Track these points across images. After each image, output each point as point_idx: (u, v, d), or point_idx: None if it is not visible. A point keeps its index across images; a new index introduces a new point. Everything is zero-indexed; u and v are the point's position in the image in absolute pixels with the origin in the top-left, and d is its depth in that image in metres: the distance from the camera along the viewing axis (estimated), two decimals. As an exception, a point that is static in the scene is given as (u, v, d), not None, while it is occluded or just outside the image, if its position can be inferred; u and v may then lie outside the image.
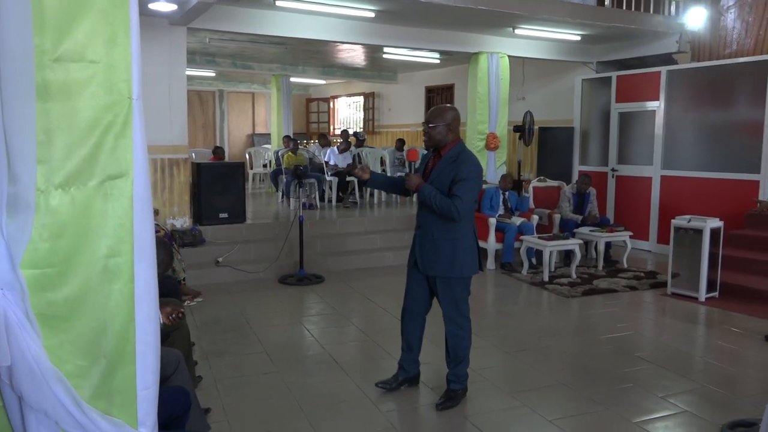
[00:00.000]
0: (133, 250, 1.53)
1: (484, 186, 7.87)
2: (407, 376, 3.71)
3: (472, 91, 8.59)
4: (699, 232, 5.73)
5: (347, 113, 16.31)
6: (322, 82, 14.93)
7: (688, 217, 5.90)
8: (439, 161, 3.35)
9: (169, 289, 3.58)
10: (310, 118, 16.87)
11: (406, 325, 3.65)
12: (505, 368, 4.16)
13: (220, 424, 3.26)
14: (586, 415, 3.42)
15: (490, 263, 7.12)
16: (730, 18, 8.97)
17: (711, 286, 5.77)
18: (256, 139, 15.34)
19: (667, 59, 8.72)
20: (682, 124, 7.86)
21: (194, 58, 10.93)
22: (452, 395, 3.50)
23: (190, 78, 9.17)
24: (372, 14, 6.98)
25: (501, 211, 7.38)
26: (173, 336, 3.20)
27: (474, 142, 8.51)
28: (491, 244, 7.09)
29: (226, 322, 5.09)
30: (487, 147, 8.58)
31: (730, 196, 7.20)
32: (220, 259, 6.61)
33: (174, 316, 3.00)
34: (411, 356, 3.69)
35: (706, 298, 5.72)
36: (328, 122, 16.59)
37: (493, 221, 7.09)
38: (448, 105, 3.53)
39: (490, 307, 5.84)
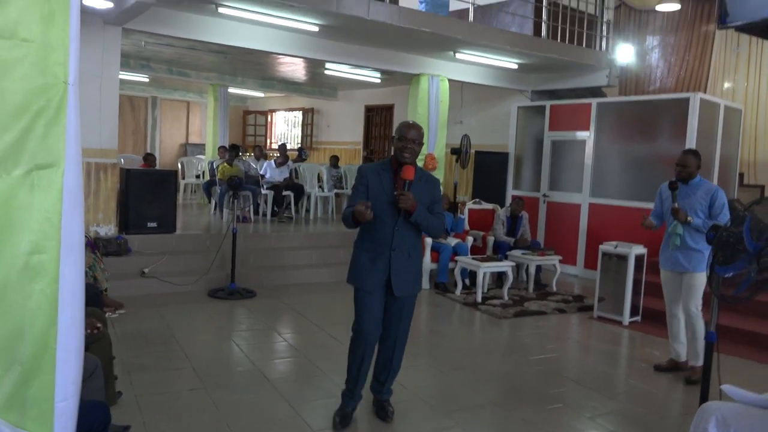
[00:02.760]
0: (59, 248, 1.40)
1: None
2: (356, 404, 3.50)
3: (413, 111, 8.68)
4: (624, 258, 5.96)
5: (285, 128, 16.14)
6: (261, 94, 14.72)
7: (614, 243, 6.14)
8: (411, 181, 3.16)
9: (90, 298, 3.36)
10: (247, 131, 16.58)
11: (368, 351, 3.35)
12: (438, 387, 4.14)
13: (140, 443, 3.06)
14: (518, 435, 3.44)
15: (425, 283, 7.13)
16: (655, 57, 9.54)
17: (634, 311, 5.99)
18: (189, 148, 14.91)
19: (596, 92, 9.13)
20: (610, 154, 8.21)
21: (128, 61, 10.53)
22: (389, 404, 3.55)
23: (122, 82, 8.78)
24: (316, 28, 6.94)
25: (437, 231, 7.44)
26: (92, 348, 2.99)
27: (412, 162, 8.56)
28: (426, 263, 7.11)
29: (151, 336, 4.84)
30: (426, 167, 8.64)
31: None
32: (146, 270, 6.31)
33: (89, 331, 2.82)
34: (361, 383, 3.43)
35: (630, 322, 5.93)
36: (265, 136, 16.35)
37: (429, 241, 7.12)
38: (416, 123, 3.40)
39: (423, 326, 5.83)
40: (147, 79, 12.77)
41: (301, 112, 15.07)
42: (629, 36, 9.53)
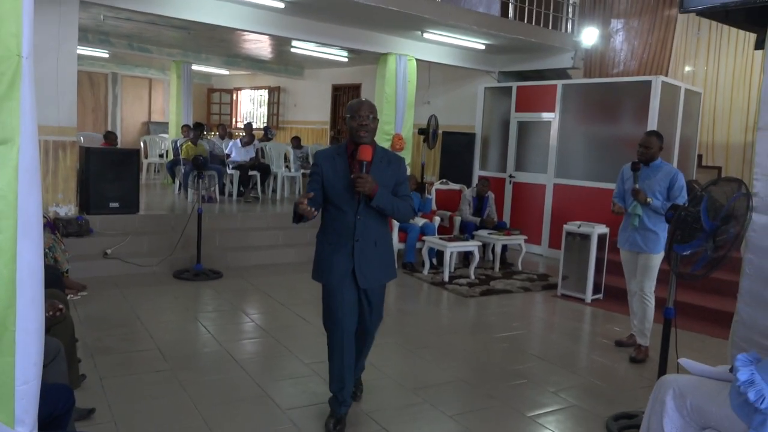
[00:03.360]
0: (16, 227, 1.35)
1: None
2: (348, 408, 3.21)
3: (380, 91, 8.62)
4: (587, 237, 6.09)
5: (250, 107, 15.88)
6: (226, 72, 14.42)
7: (578, 223, 6.26)
8: (371, 163, 2.91)
9: (51, 280, 3.28)
10: (212, 109, 16.26)
11: (347, 347, 3.06)
12: (406, 365, 4.18)
13: (105, 425, 3.02)
14: (484, 410, 3.50)
15: (392, 262, 7.17)
16: (619, 40, 9.65)
17: (596, 289, 6.14)
18: (152, 127, 14.55)
19: (562, 74, 9.22)
20: (575, 136, 8.33)
21: (86, 35, 10.16)
22: (359, 382, 3.54)
23: (80, 57, 8.47)
24: (282, 5, 6.82)
25: (404, 211, 7.46)
26: (55, 330, 2.93)
27: (380, 143, 8.48)
28: (394, 243, 7.14)
29: (114, 318, 4.76)
30: (393, 148, 8.64)
31: (614, 205, 7.70)
32: (108, 251, 6.18)
33: (51, 314, 2.76)
34: (349, 386, 3.13)
35: (592, 300, 6.08)
36: (231, 114, 16.07)
37: (395, 222, 7.15)
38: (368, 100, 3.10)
39: (392, 305, 5.86)
40: (107, 55, 12.37)
41: (267, 90, 14.84)
42: (594, 19, 9.62)
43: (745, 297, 3.24)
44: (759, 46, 3.70)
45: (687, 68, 9.07)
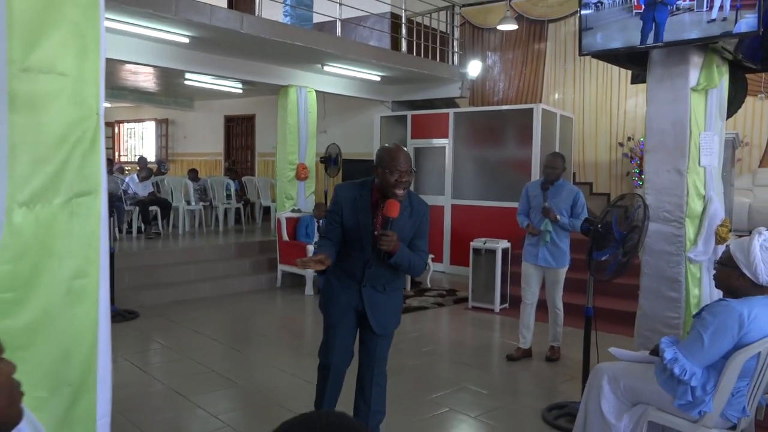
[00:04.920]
0: (99, 271, 1.45)
1: (298, 215, 8.10)
2: None
3: (282, 122, 8.80)
4: (493, 252, 6.65)
5: (133, 140, 15.28)
6: (107, 105, 13.80)
7: (483, 239, 6.81)
8: (395, 219, 2.74)
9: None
10: (89, 144, 15.42)
11: (333, 384, 3.00)
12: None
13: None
14: (435, 416, 3.80)
15: (309, 289, 7.32)
16: (497, 71, 10.62)
17: (503, 299, 6.70)
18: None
19: (450, 102, 9.95)
20: (468, 159, 9.00)
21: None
22: None
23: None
24: (186, 40, 6.83)
25: (317, 238, 7.66)
26: None
27: (285, 172, 8.71)
28: (309, 270, 7.29)
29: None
30: (298, 177, 8.83)
31: (508, 221, 8.40)
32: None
33: None
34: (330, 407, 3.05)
35: (500, 309, 6.62)
36: (113, 148, 15.35)
37: (310, 248, 7.31)
38: (400, 145, 2.95)
39: (310, 330, 6.01)
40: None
41: (153, 122, 14.38)
42: (475, 52, 10.50)
43: (645, 293, 3.84)
44: (635, 80, 4.40)
45: (557, 95, 10.15)
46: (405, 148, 2.87)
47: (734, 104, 4.13)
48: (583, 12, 3.73)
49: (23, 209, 1.33)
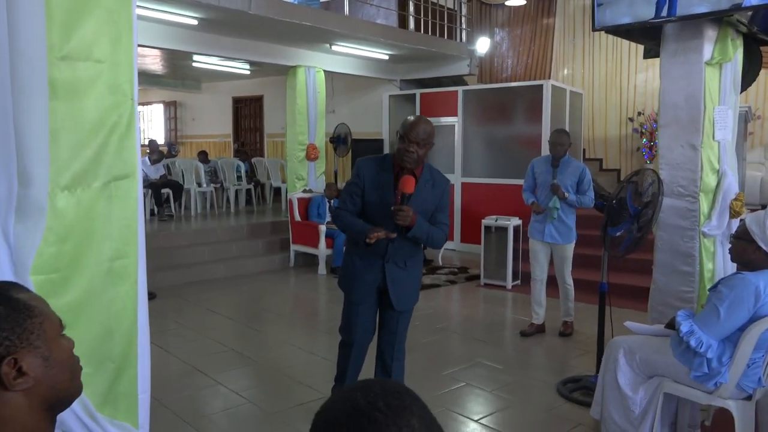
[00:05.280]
0: (137, 252, 1.50)
1: (310, 195, 8.15)
2: None
3: (291, 103, 8.80)
4: (504, 229, 6.68)
5: (143, 123, 15.32)
6: (114, 88, 13.83)
7: (495, 217, 6.84)
8: (411, 194, 2.79)
9: None
10: (98, 127, 15.49)
11: (356, 360, 3.14)
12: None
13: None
14: (453, 390, 3.88)
15: (322, 268, 7.40)
16: (505, 47, 10.53)
17: (515, 276, 6.75)
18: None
19: (458, 80, 9.90)
20: (477, 137, 8.99)
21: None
22: None
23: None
24: (195, 22, 6.83)
25: (328, 218, 7.71)
26: None
27: (295, 153, 8.74)
28: (322, 250, 7.37)
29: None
30: (308, 157, 8.86)
31: (519, 198, 8.38)
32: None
33: None
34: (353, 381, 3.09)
35: (512, 286, 6.68)
36: (121, 132, 15.41)
37: (323, 228, 7.38)
38: (425, 118, 2.97)
39: (323, 311, 6.09)
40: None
41: (161, 105, 14.41)
42: (483, 28, 10.41)
43: (659, 267, 3.87)
44: (648, 55, 4.38)
45: (566, 71, 10.08)
46: (429, 122, 2.89)
47: (748, 77, 4.11)
48: (596, -13, 3.71)
49: (65, 193, 1.37)
